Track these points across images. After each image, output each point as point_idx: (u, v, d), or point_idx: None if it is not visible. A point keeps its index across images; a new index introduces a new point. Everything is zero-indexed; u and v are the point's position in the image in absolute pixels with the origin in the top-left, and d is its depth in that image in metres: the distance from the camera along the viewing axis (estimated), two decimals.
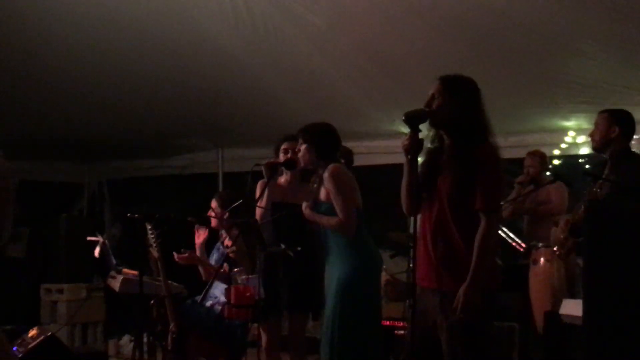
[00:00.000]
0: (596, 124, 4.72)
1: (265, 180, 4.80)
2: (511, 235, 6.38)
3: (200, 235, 5.66)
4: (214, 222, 5.63)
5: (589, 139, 6.85)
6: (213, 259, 5.66)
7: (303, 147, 4.57)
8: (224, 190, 5.83)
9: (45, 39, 6.14)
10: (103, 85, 6.96)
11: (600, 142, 4.68)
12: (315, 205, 4.53)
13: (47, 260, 7.93)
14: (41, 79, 6.81)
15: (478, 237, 3.31)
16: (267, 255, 4.78)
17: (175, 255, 5.51)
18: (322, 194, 4.48)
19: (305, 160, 4.59)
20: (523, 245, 6.42)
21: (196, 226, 5.67)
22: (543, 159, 6.53)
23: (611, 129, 4.62)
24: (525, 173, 6.45)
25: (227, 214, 5.40)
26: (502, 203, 4.30)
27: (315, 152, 4.53)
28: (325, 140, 4.56)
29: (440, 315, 3.38)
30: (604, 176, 4.55)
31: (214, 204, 5.65)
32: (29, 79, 6.79)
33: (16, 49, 6.25)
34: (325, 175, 4.43)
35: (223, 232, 5.62)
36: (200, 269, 5.60)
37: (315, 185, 4.57)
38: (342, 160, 4.76)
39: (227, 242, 5.44)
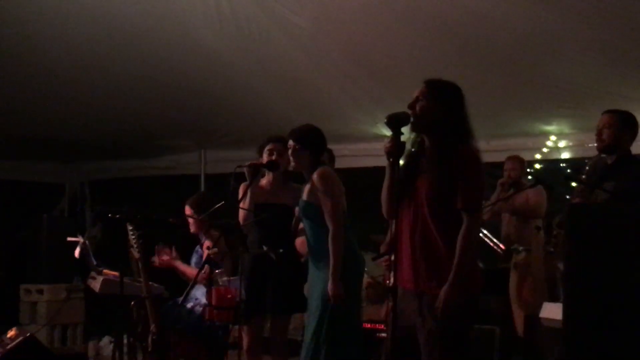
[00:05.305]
0: (606, 124, 4.40)
1: (247, 182, 4.79)
2: (490, 236, 6.39)
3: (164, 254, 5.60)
4: (193, 228, 5.59)
5: (570, 144, 6.96)
6: (192, 262, 5.63)
7: (297, 149, 4.50)
8: (195, 195, 5.76)
9: (27, 38, 6.09)
10: (85, 85, 6.91)
11: (610, 144, 4.39)
12: (302, 206, 4.52)
13: (27, 260, 7.87)
14: (22, 78, 6.75)
15: (460, 236, 3.31)
16: (250, 257, 4.77)
17: (156, 258, 5.49)
18: (310, 195, 4.46)
19: (298, 163, 4.53)
20: (502, 247, 6.42)
21: (157, 247, 5.61)
22: (522, 163, 6.57)
23: (624, 131, 4.39)
24: (506, 176, 6.46)
25: (202, 217, 5.35)
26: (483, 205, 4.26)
27: (310, 154, 4.50)
28: (318, 143, 4.55)
29: (419, 317, 3.38)
30: (608, 181, 4.28)
31: (187, 211, 5.60)
32: (10, 78, 6.73)
33: None
34: (315, 177, 4.41)
35: (203, 237, 5.58)
36: (182, 271, 5.56)
37: (307, 187, 4.52)
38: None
39: (207, 244, 5.42)
